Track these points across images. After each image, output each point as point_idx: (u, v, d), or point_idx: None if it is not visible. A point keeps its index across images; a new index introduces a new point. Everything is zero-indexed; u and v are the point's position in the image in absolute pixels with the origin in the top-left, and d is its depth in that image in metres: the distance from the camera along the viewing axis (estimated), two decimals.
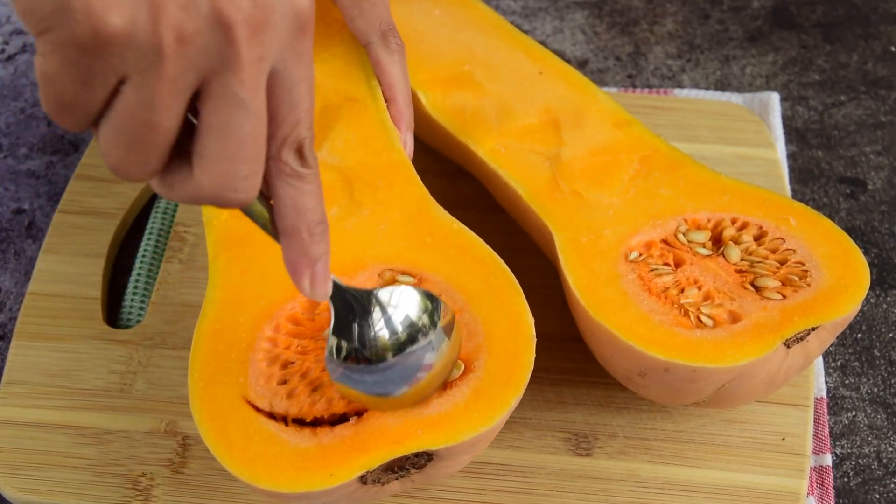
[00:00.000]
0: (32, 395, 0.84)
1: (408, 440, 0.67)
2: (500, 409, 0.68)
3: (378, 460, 0.66)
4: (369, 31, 0.84)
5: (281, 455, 0.67)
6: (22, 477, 0.80)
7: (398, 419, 0.68)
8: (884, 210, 0.99)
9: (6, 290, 0.95)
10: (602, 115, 0.87)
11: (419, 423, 0.68)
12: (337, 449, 0.67)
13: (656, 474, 0.80)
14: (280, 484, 0.66)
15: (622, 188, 0.82)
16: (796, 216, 0.80)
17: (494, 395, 0.69)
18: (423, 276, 0.74)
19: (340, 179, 0.80)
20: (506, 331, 0.72)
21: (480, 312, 0.72)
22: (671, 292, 0.76)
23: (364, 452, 0.66)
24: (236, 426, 0.68)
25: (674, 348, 0.72)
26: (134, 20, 0.48)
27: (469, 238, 0.76)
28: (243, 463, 0.67)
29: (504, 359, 0.70)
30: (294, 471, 0.66)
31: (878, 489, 0.82)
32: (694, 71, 1.12)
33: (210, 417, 0.69)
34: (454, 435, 0.67)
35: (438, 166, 0.97)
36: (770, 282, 0.76)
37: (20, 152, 1.05)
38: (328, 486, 0.65)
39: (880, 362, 0.89)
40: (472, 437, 0.67)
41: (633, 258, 0.78)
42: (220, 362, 0.71)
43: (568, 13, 1.18)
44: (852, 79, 1.11)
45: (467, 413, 0.68)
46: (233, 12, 0.49)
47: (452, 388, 0.69)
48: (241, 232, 0.77)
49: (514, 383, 0.69)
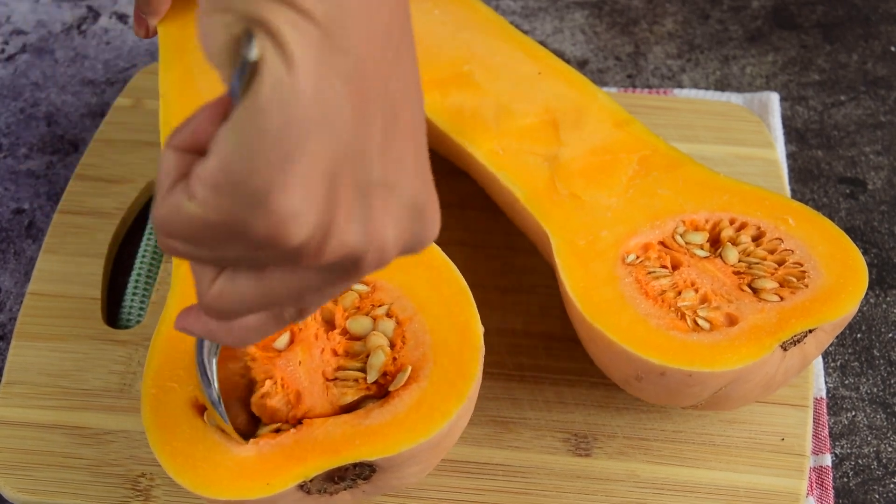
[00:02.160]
0: (32, 396, 0.84)
1: (345, 450, 0.66)
2: (440, 420, 0.67)
3: (314, 470, 0.66)
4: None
5: (222, 462, 0.67)
6: (21, 477, 0.80)
7: (338, 427, 0.67)
8: (884, 210, 0.99)
9: (6, 290, 0.95)
10: (601, 114, 0.87)
11: (358, 433, 0.67)
12: (275, 457, 0.67)
13: (656, 474, 0.80)
14: (219, 491, 0.66)
15: (621, 188, 0.82)
16: (795, 216, 0.80)
17: (436, 405, 0.68)
18: (376, 283, 0.74)
19: None
20: (452, 340, 0.71)
21: (429, 321, 0.72)
22: (668, 295, 0.76)
23: (301, 462, 0.66)
24: (182, 431, 0.68)
25: (670, 352, 0.72)
26: (310, 239, 0.48)
27: None
28: (186, 469, 0.67)
29: (448, 368, 0.69)
30: (232, 478, 0.66)
31: (878, 489, 0.82)
32: (694, 71, 1.12)
33: (157, 423, 0.69)
34: (392, 446, 0.66)
35: (437, 166, 0.96)
36: (768, 283, 0.76)
37: (20, 152, 1.05)
38: (266, 494, 0.65)
39: (880, 362, 0.89)
40: (411, 449, 0.66)
41: (631, 261, 0.78)
42: (173, 369, 0.71)
43: (568, 13, 1.18)
44: (852, 79, 1.11)
45: (407, 423, 0.67)
46: (363, 256, 0.51)
47: (395, 397, 0.69)
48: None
49: (457, 394, 0.68)
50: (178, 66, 0.86)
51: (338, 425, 0.68)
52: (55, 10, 1.20)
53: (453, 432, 0.70)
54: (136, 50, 1.15)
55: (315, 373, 0.71)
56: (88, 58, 1.15)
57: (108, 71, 1.13)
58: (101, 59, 1.15)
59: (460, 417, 0.69)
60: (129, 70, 1.13)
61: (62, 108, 1.10)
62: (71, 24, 1.19)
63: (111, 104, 1.05)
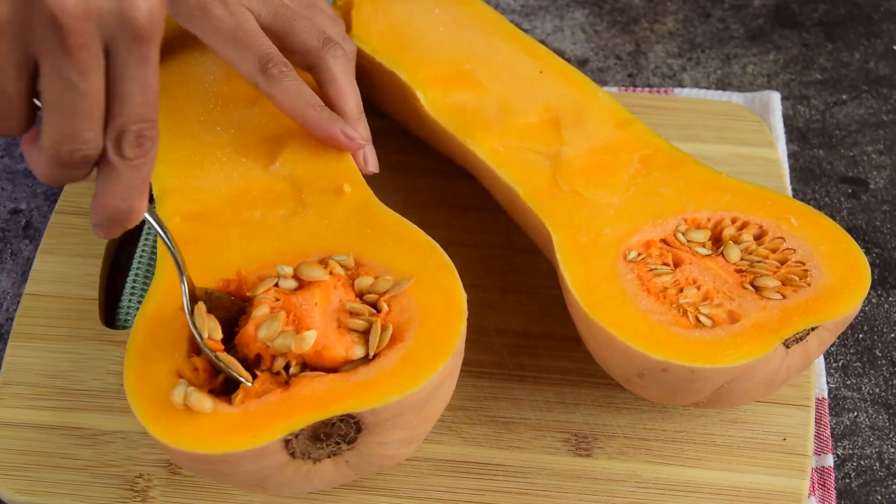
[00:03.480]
0: (29, 396, 0.83)
1: (333, 404, 0.67)
2: (427, 373, 0.69)
3: (302, 422, 0.67)
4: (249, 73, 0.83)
5: (206, 421, 0.67)
6: (19, 478, 0.79)
7: (326, 385, 0.69)
8: (885, 210, 0.99)
9: (3, 290, 0.94)
10: (602, 113, 0.87)
11: (345, 388, 0.68)
12: (262, 414, 0.67)
13: (657, 475, 0.79)
14: (202, 445, 0.66)
15: (622, 187, 0.82)
16: (797, 215, 0.79)
17: (422, 359, 0.69)
18: (359, 260, 0.76)
19: (290, 187, 0.82)
20: (438, 304, 0.73)
21: (413, 290, 0.73)
22: (670, 292, 0.76)
23: (289, 416, 0.67)
24: (165, 395, 0.68)
25: (672, 348, 0.72)
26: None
27: (408, 228, 0.78)
28: (169, 429, 0.67)
29: (434, 328, 0.71)
30: (217, 433, 0.66)
31: (880, 490, 0.82)
32: (695, 70, 1.12)
33: (141, 386, 0.69)
34: (378, 397, 0.67)
35: (438, 166, 0.97)
36: (770, 281, 0.76)
37: (17, 152, 1.05)
38: (250, 446, 0.66)
39: (882, 363, 0.89)
40: (398, 400, 0.67)
41: (632, 258, 0.78)
42: (157, 341, 0.72)
43: (568, 12, 1.18)
44: (854, 78, 1.11)
45: (394, 377, 0.69)
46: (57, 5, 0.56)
47: (381, 356, 0.70)
48: (193, 232, 0.79)
49: (443, 348, 0.70)
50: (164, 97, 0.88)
51: (325, 383, 0.69)
52: None
53: (438, 392, 0.71)
54: None
55: (330, 318, 0.72)
56: None
57: None
58: None
59: (446, 376, 0.71)
60: None
61: None
62: None
63: None
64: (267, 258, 0.77)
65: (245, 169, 0.84)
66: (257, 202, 0.81)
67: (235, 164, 0.84)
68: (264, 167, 0.84)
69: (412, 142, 0.98)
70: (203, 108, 0.89)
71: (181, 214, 0.81)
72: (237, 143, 0.86)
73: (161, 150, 0.85)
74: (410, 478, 0.79)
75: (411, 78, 0.89)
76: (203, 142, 0.86)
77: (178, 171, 0.84)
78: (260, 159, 0.84)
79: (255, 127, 0.87)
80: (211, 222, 0.80)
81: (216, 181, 0.83)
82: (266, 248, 0.78)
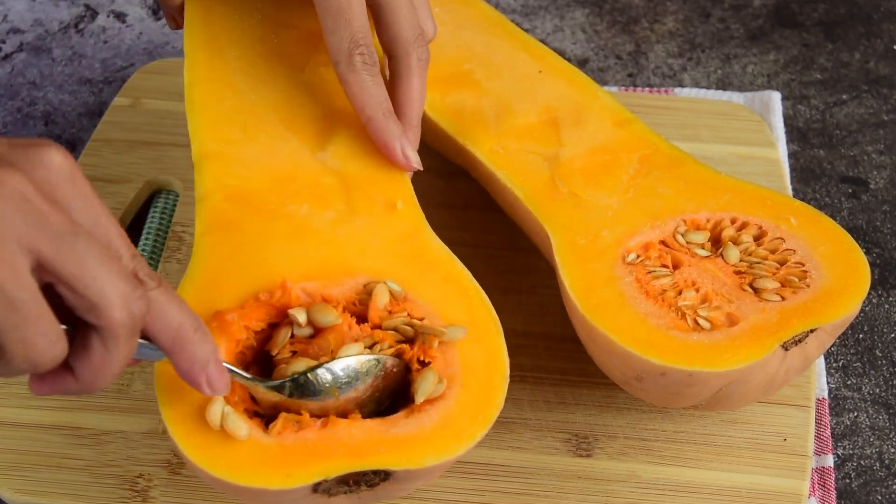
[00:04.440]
0: (29, 396, 0.83)
1: (370, 455, 0.66)
2: (465, 442, 0.67)
3: (337, 470, 0.65)
4: (335, 50, 0.79)
5: (241, 447, 0.66)
6: (19, 478, 0.79)
7: (363, 432, 0.67)
8: (886, 210, 0.99)
9: None
10: (602, 113, 0.87)
11: (384, 440, 0.67)
12: (298, 451, 0.66)
13: (657, 475, 0.79)
14: (237, 476, 0.65)
15: (621, 188, 0.82)
16: (797, 216, 0.79)
17: (462, 427, 0.68)
18: (407, 295, 0.73)
19: (339, 184, 0.79)
20: (482, 366, 0.71)
21: (459, 343, 0.71)
22: (669, 295, 0.76)
23: (325, 459, 0.66)
24: (200, 409, 0.67)
25: (670, 352, 0.72)
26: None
27: (457, 268, 0.76)
28: (201, 449, 0.65)
29: (477, 393, 0.69)
30: (253, 465, 0.65)
31: (881, 490, 0.82)
32: (695, 70, 1.12)
33: (174, 400, 0.67)
34: (417, 459, 0.66)
35: (438, 166, 0.97)
36: (769, 283, 0.76)
37: None
38: (284, 486, 0.64)
39: (882, 363, 0.89)
40: (434, 465, 0.66)
41: (631, 260, 0.77)
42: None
43: (568, 11, 1.18)
44: (854, 77, 1.11)
45: (433, 440, 0.67)
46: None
47: (421, 411, 0.68)
48: (234, 215, 0.76)
49: (484, 419, 0.68)
50: (204, 31, 0.85)
51: (363, 430, 0.67)
52: (52, 9, 1.19)
53: (469, 454, 0.70)
54: (133, 49, 1.15)
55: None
56: (86, 57, 1.15)
57: (105, 70, 1.13)
58: (99, 58, 1.14)
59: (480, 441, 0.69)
60: (127, 69, 1.13)
61: (60, 108, 1.09)
62: (68, 22, 1.18)
63: (109, 103, 1.04)
64: (310, 268, 0.73)
65: (292, 149, 0.80)
66: (303, 194, 0.78)
67: (282, 139, 0.80)
68: (312, 152, 0.80)
69: None
70: (247, 56, 0.84)
71: (223, 191, 0.77)
72: (284, 111, 0.81)
73: (203, 99, 0.81)
74: None
75: None
76: (247, 99, 0.82)
77: (219, 132, 0.80)
78: (308, 140, 0.80)
79: (305, 97, 0.83)
80: (255, 208, 0.77)
81: (260, 155, 0.79)
82: (310, 254, 0.74)
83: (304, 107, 0.82)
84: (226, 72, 0.83)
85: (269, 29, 0.86)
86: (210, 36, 0.85)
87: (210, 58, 0.84)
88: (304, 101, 0.83)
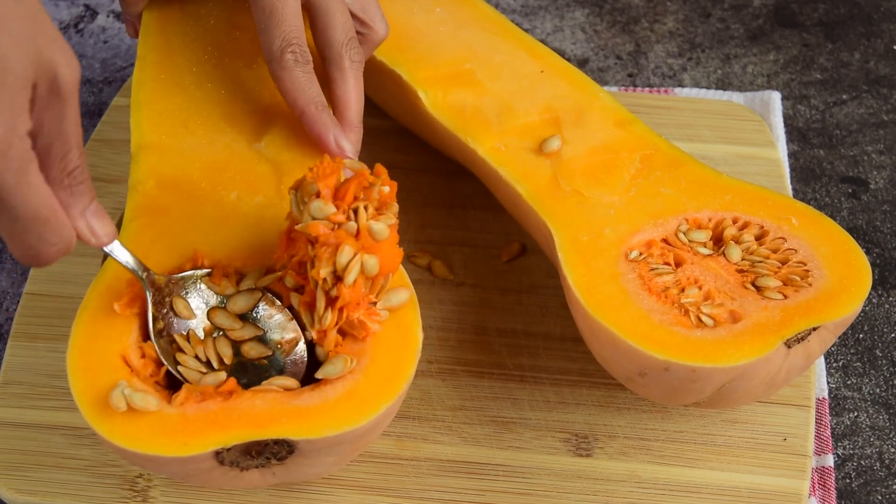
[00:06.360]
0: (29, 396, 0.83)
1: (270, 425, 0.67)
2: (368, 413, 0.68)
3: (235, 439, 0.66)
4: (267, 48, 0.81)
5: (143, 416, 0.67)
6: (19, 478, 0.79)
7: (266, 403, 0.68)
8: (886, 210, 0.99)
9: (3, 290, 0.94)
10: (603, 113, 0.87)
11: (286, 411, 0.68)
12: (199, 421, 0.67)
13: (657, 475, 0.79)
14: (134, 443, 0.66)
15: (623, 187, 0.82)
16: (798, 216, 0.79)
17: (366, 398, 0.69)
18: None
19: (272, 171, 0.81)
20: (393, 341, 0.72)
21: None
22: (671, 292, 0.76)
23: (224, 429, 0.67)
24: (106, 380, 0.68)
25: (673, 348, 0.72)
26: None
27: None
28: (104, 417, 0.67)
29: (385, 367, 0.71)
30: (151, 433, 0.66)
31: (881, 490, 0.82)
32: (695, 70, 1.12)
33: (82, 367, 0.69)
34: (317, 428, 0.67)
35: (438, 165, 0.97)
36: (771, 281, 0.76)
37: None
38: (181, 454, 0.66)
39: (882, 363, 0.89)
40: (335, 435, 0.67)
41: (634, 257, 0.78)
42: (108, 319, 0.71)
43: (568, 11, 1.18)
44: (854, 77, 1.11)
45: (335, 410, 0.68)
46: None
47: (327, 384, 0.69)
48: (164, 201, 0.78)
49: (389, 391, 0.69)
50: (158, 36, 0.88)
51: (265, 400, 0.68)
52: (52, 9, 1.19)
53: (377, 428, 0.71)
54: (133, 49, 1.15)
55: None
56: (86, 57, 1.14)
57: (105, 70, 1.13)
58: (99, 58, 1.14)
59: (387, 415, 0.70)
60: (126, 69, 1.13)
61: None
62: (68, 22, 1.18)
63: (108, 103, 1.04)
64: (231, 252, 0.76)
65: (229, 140, 0.82)
66: (236, 181, 0.80)
67: (220, 132, 0.83)
68: (249, 142, 0.82)
69: (412, 141, 0.98)
70: (197, 57, 0.87)
71: (156, 178, 0.79)
72: (226, 106, 0.84)
73: (148, 97, 0.83)
74: (410, 478, 0.79)
75: (412, 77, 0.89)
76: (192, 97, 0.84)
77: (160, 127, 0.82)
78: (246, 132, 0.83)
79: (248, 93, 0.85)
80: (185, 194, 0.79)
81: (197, 146, 0.82)
82: (233, 238, 0.77)
83: (247, 102, 0.85)
84: (174, 73, 0.86)
85: (224, 32, 0.89)
86: (163, 40, 0.87)
87: (160, 60, 0.86)
88: (248, 97, 0.85)
